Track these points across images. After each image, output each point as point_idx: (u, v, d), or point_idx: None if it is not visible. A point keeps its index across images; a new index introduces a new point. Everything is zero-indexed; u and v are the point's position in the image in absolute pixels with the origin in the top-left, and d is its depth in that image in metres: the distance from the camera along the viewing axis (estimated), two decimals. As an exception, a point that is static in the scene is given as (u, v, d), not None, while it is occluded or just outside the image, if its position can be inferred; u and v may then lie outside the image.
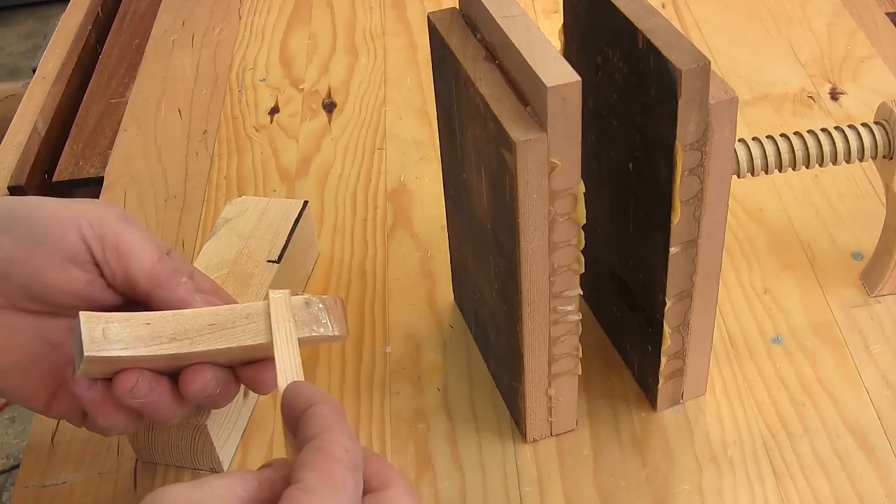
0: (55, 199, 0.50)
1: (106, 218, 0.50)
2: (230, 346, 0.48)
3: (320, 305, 0.50)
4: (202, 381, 0.48)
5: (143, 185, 0.85)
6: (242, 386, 0.52)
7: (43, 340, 0.50)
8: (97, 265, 0.49)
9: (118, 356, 0.46)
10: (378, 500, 0.39)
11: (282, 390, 0.44)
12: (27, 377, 0.50)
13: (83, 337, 0.45)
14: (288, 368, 0.46)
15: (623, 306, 0.62)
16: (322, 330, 0.49)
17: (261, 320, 0.48)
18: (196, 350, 0.47)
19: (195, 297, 0.50)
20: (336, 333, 0.50)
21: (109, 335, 0.46)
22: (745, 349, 0.65)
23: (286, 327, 0.48)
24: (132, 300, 0.51)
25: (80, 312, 0.46)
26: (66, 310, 0.50)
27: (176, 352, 0.47)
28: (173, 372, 0.49)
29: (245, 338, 0.48)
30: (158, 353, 0.46)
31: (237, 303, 0.52)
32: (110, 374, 0.48)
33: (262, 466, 0.41)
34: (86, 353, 0.45)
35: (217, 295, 0.53)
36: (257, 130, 0.90)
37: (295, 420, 0.41)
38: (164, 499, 0.36)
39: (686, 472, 0.58)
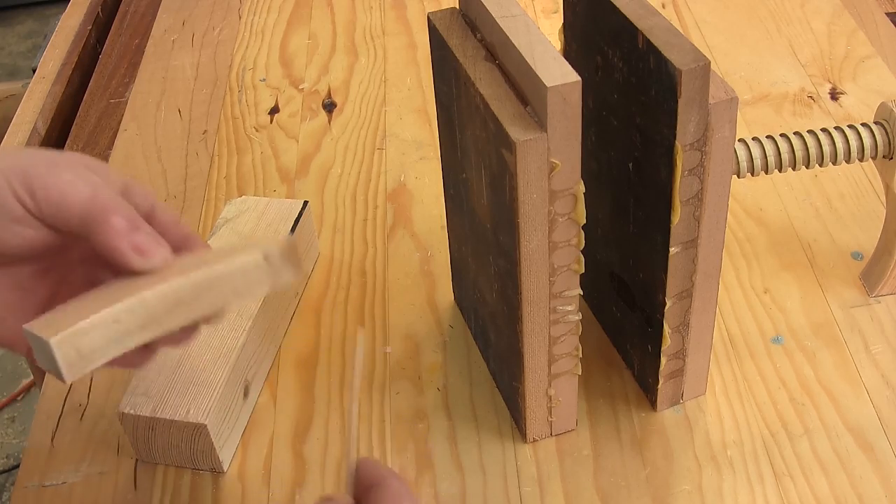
0: None
1: (31, 169, 0.47)
2: (196, 316, 0.48)
3: (279, 255, 0.49)
4: None
5: (143, 185, 0.85)
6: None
7: (14, 287, 0.49)
8: (39, 219, 0.48)
9: (99, 365, 0.46)
10: None
11: (351, 461, 0.45)
12: (6, 325, 0.49)
13: (60, 364, 0.44)
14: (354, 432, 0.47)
15: (623, 306, 0.62)
16: (285, 278, 0.49)
17: (225, 286, 0.48)
18: (167, 327, 0.47)
19: (124, 244, 0.47)
20: (294, 278, 0.49)
21: (83, 350, 0.45)
22: (745, 349, 0.65)
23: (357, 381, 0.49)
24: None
25: (51, 339, 0.44)
26: (29, 259, 0.49)
27: (149, 338, 0.47)
28: None
29: (209, 309, 0.48)
30: (133, 345, 0.46)
31: (208, 248, 0.51)
32: None
33: None
34: (68, 381, 0.45)
35: (188, 243, 0.51)
36: (257, 130, 0.90)
37: (365, 490, 0.43)
38: None
39: (686, 472, 0.58)
